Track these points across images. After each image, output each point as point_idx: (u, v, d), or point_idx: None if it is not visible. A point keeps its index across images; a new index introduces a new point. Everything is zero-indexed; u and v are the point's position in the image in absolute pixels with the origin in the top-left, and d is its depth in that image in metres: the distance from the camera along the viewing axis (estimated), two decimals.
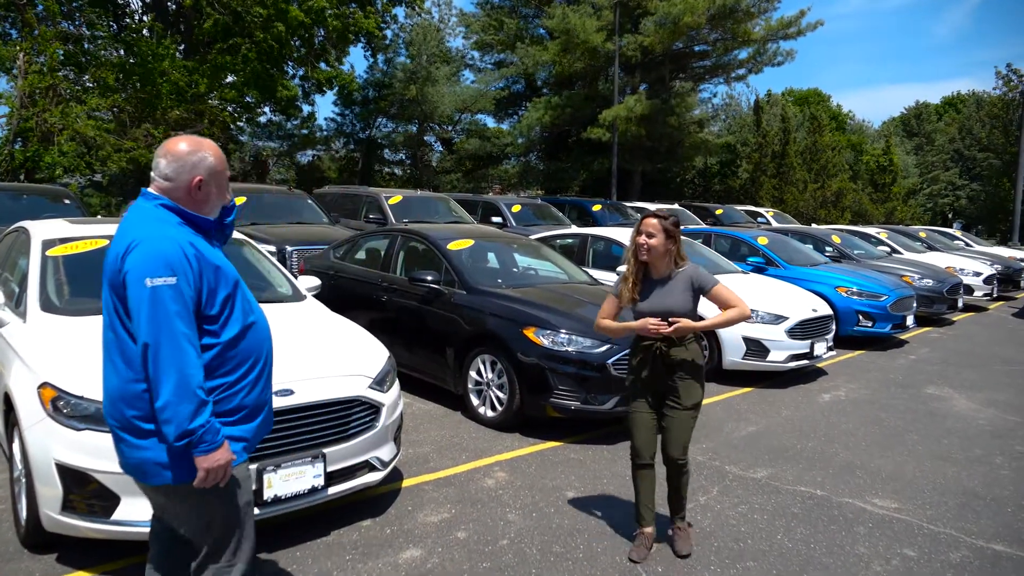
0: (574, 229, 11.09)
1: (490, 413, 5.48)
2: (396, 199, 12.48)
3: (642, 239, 3.38)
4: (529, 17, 28.60)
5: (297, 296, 4.77)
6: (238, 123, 24.12)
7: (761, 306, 7.36)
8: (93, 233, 4.53)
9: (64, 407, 3.07)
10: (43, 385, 3.15)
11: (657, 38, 23.43)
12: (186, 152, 2.22)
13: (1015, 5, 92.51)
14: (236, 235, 5.32)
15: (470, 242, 6.57)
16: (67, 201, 9.31)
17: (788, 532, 3.94)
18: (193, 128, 21.01)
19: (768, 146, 29.33)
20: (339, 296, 6.49)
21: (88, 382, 3.09)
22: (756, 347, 7.22)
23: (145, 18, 23.05)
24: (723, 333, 7.20)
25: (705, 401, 6.16)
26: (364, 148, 30.54)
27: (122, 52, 19.33)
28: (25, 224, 4.90)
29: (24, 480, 3.24)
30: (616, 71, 23.14)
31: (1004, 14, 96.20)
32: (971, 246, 18.33)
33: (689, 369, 3.45)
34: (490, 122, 32.84)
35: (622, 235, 8.86)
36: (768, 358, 7.22)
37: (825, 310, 7.81)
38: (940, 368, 8.49)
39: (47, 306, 3.84)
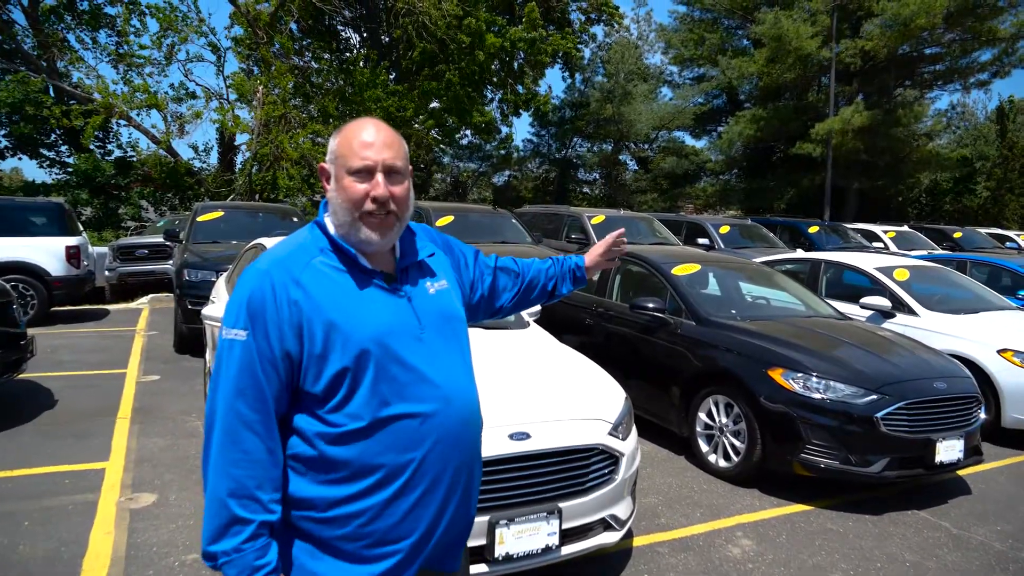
0: (801, 254, 9.99)
1: (723, 463, 4.80)
2: (599, 219, 12.10)
3: None
4: (732, 29, 27.24)
5: (520, 323, 4.46)
6: (441, 145, 25.25)
7: None
8: None
9: None
10: None
11: (881, 42, 21.17)
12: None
13: None
14: None
15: (696, 267, 5.94)
16: (295, 219, 9.96)
17: None
18: None
19: (1015, 159, 25.37)
20: (548, 321, 6.13)
21: None
22: None
23: (363, 50, 24.95)
24: (1005, 383, 5.91)
25: (985, 466, 5.06)
26: (559, 168, 30.72)
27: (341, 82, 20.94)
28: (261, 241, 5.08)
29: None
30: (832, 79, 21.20)
31: None
32: None
33: None
34: (688, 139, 31.73)
35: (862, 261, 7.73)
36: None
37: None
38: None
39: None
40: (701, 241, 12.70)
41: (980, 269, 9.46)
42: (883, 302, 6.85)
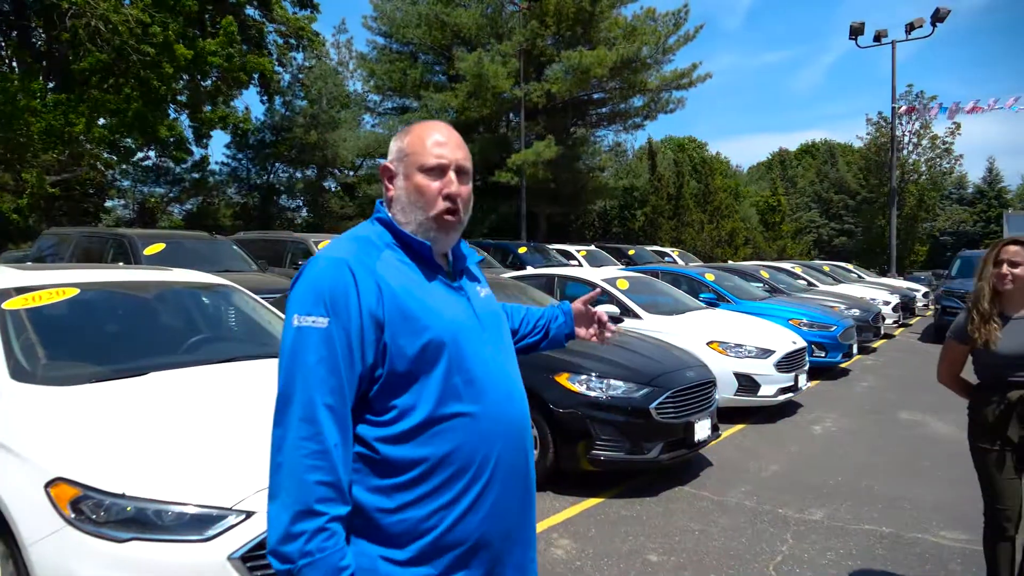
0: (533, 270, 10.75)
1: None
2: (325, 243, 11.67)
3: (1005, 269, 2.95)
4: (430, 64, 28.53)
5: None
6: (121, 166, 22.16)
7: (747, 340, 7.26)
8: (53, 281, 3.67)
9: (93, 511, 2.28)
10: (55, 481, 2.35)
11: (563, 86, 23.94)
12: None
13: (866, 63, 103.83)
14: (221, 281, 4.56)
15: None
16: None
17: None
18: (71, 173, 19.14)
19: (664, 189, 30.51)
20: None
21: (124, 474, 2.34)
22: (747, 382, 7.07)
23: (6, 52, 20.88)
24: (715, 370, 6.97)
25: (714, 441, 5.91)
26: (262, 194, 28.98)
27: None
28: None
29: None
30: (522, 116, 23.39)
31: (854, 72, 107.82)
32: (863, 279, 19.60)
33: None
34: None
35: (590, 274, 8.59)
36: (760, 393, 7.08)
37: (801, 342, 7.81)
38: (898, 395, 8.70)
39: (20, 374, 2.98)
40: None
41: (667, 278, 11.12)
42: (614, 309, 7.65)
